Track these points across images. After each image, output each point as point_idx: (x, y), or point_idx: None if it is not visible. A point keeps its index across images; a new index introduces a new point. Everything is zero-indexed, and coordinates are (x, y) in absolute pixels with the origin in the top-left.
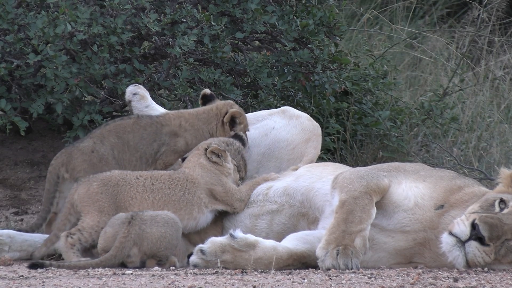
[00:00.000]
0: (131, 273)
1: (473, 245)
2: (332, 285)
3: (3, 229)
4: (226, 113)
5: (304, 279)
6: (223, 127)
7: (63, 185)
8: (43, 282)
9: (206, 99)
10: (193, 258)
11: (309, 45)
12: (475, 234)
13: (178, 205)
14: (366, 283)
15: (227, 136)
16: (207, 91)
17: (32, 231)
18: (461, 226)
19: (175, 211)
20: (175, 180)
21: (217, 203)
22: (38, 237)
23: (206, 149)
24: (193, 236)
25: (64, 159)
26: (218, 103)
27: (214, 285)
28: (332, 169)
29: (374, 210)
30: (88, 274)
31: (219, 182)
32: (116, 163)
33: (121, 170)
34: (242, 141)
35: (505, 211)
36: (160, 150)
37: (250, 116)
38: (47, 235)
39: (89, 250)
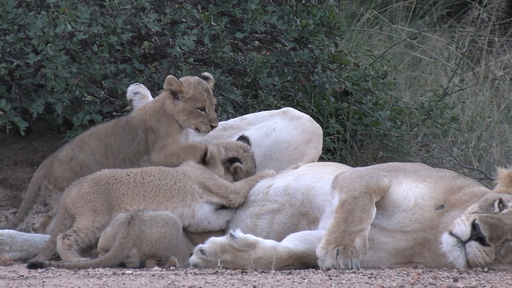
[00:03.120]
0: (131, 273)
1: (473, 245)
2: (332, 285)
3: (3, 229)
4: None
5: (304, 279)
6: (170, 98)
7: (52, 195)
8: (43, 282)
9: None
10: (193, 258)
11: (309, 45)
12: (476, 234)
13: (169, 194)
14: (366, 283)
15: (173, 106)
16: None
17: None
18: (462, 226)
19: (168, 200)
20: (165, 172)
21: (212, 195)
22: (38, 237)
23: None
24: (195, 237)
25: (45, 171)
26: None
27: (214, 285)
28: (333, 169)
29: (374, 210)
30: (88, 274)
31: (210, 177)
32: (99, 167)
33: (111, 169)
34: (248, 143)
35: (505, 211)
36: (143, 149)
37: (251, 116)
38: (47, 235)
39: (87, 250)
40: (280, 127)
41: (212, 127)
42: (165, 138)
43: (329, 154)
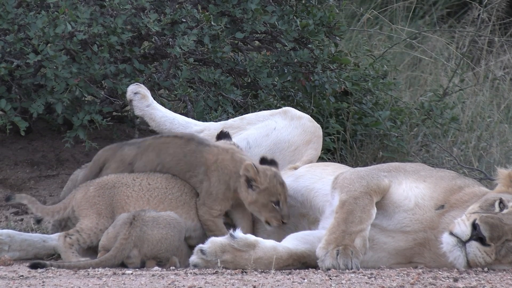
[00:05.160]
0: (131, 273)
1: (474, 245)
2: (332, 285)
3: (2, 229)
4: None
5: (304, 279)
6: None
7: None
8: (43, 282)
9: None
10: (193, 258)
11: (309, 45)
12: (476, 234)
13: (175, 204)
14: (366, 283)
15: (245, 193)
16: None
17: None
18: (462, 226)
19: (172, 209)
20: (172, 182)
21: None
22: (37, 237)
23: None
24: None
25: (108, 155)
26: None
27: (214, 285)
28: (332, 170)
29: (374, 210)
30: (88, 274)
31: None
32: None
33: (118, 173)
34: (229, 137)
35: (505, 211)
36: (197, 187)
37: (251, 116)
38: (46, 235)
39: (87, 251)
40: (280, 127)
41: (283, 223)
42: (216, 202)
43: (329, 154)
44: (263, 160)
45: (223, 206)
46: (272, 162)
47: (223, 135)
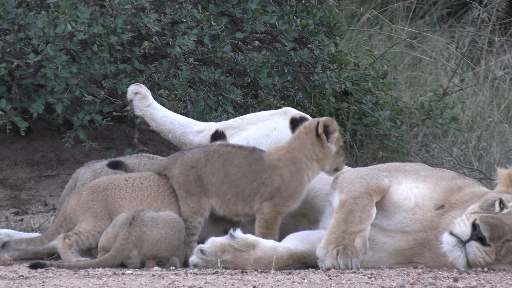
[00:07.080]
0: (131, 273)
1: (474, 245)
2: (332, 285)
3: (2, 228)
4: (317, 126)
5: (304, 279)
6: (319, 141)
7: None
8: (43, 282)
9: (295, 123)
10: (193, 258)
11: (309, 45)
12: (476, 234)
13: (168, 200)
14: (366, 283)
15: (325, 150)
16: (295, 115)
17: None
18: (462, 226)
19: (165, 206)
20: (164, 179)
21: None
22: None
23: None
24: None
25: (169, 163)
26: (305, 123)
27: (214, 285)
28: None
29: (374, 210)
30: (88, 274)
31: None
32: (212, 188)
33: (109, 175)
34: (224, 137)
35: (505, 211)
36: (260, 191)
37: (251, 116)
38: None
39: (87, 251)
40: (281, 127)
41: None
42: (286, 199)
43: None
44: (293, 121)
45: (292, 203)
46: (220, 135)
47: (218, 135)
